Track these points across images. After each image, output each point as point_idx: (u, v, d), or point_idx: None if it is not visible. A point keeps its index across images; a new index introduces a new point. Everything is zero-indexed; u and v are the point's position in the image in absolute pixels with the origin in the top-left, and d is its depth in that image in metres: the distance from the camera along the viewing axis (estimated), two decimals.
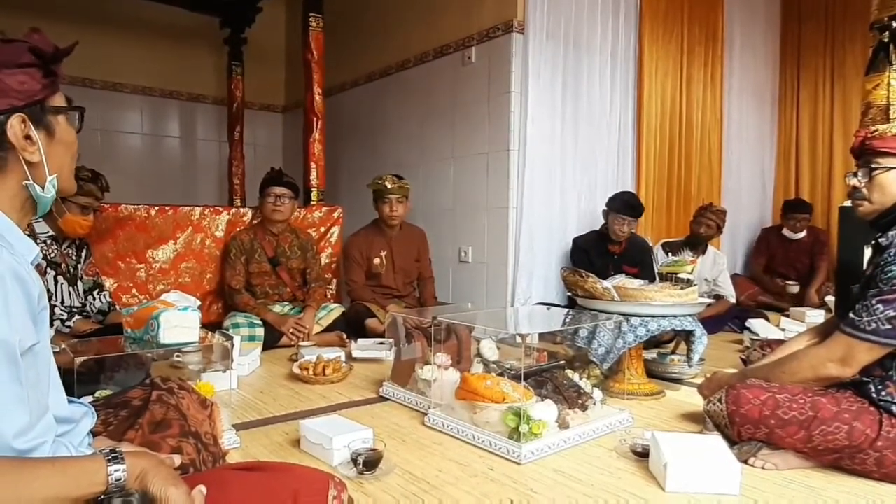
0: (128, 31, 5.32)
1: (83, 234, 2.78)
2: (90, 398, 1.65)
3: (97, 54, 4.97)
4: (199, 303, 1.83)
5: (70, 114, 0.95)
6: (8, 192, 0.88)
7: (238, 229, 3.59)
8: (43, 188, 0.91)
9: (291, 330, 3.26)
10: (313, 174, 4.09)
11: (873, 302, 1.59)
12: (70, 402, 1.00)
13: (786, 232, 4.77)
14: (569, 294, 2.75)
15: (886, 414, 1.58)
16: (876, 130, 1.73)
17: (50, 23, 4.96)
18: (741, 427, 1.69)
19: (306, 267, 3.58)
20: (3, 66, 0.84)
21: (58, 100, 0.93)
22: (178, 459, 1.01)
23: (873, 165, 1.71)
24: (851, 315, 1.64)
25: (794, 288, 4.58)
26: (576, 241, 3.80)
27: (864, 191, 1.73)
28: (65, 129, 0.94)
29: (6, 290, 0.78)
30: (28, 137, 0.87)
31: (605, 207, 3.66)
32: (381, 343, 3.09)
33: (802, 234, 4.71)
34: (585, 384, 2.14)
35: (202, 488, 0.82)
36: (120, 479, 0.79)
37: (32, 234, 2.64)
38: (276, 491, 0.90)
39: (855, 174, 1.76)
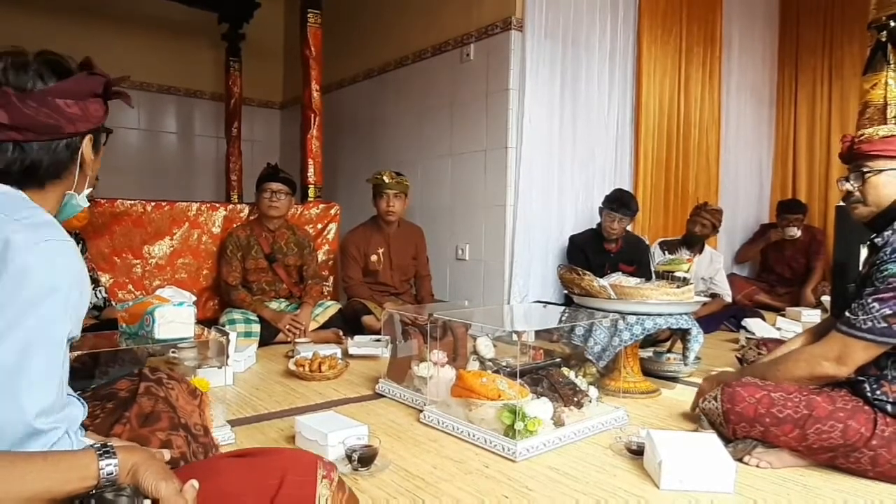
0: (125, 26, 5.30)
1: (79, 226, 2.76)
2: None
3: (94, 48, 4.91)
4: (194, 298, 1.82)
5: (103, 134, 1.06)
6: (53, 200, 0.97)
7: (235, 226, 3.58)
8: (78, 198, 1.02)
9: (288, 327, 3.25)
10: (311, 171, 4.08)
11: (869, 301, 1.59)
12: None
13: (781, 231, 4.78)
14: (565, 292, 2.75)
15: (881, 413, 1.58)
16: (863, 134, 1.74)
17: (48, 17, 4.95)
18: (736, 425, 1.69)
19: (303, 263, 3.57)
20: (90, 96, 0.97)
21: None
22: (167, 454, 1.00)
23: (864, 169, 1.72)
24: (847, 314, 1.64)
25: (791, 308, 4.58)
26: (572, 238, 3.80)
27: (859, 194, 1.73)
28: (101, 148, 1.06)
29: (77, 278, 0.85)
30: (88, 155, 1.00)
31: (600, 205, 3.67)
32: (378, 340, 3.09)
33: (798, 234, 4.71)
34: (581, 382, 2.14)
35: (194, 483, 0.81)
36: (111, 474, 0.78)
37: None
38: (264, 471, 0.90)
39: (847, 179, 1.77)
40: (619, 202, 3.57)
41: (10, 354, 0.77)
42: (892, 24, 2.63)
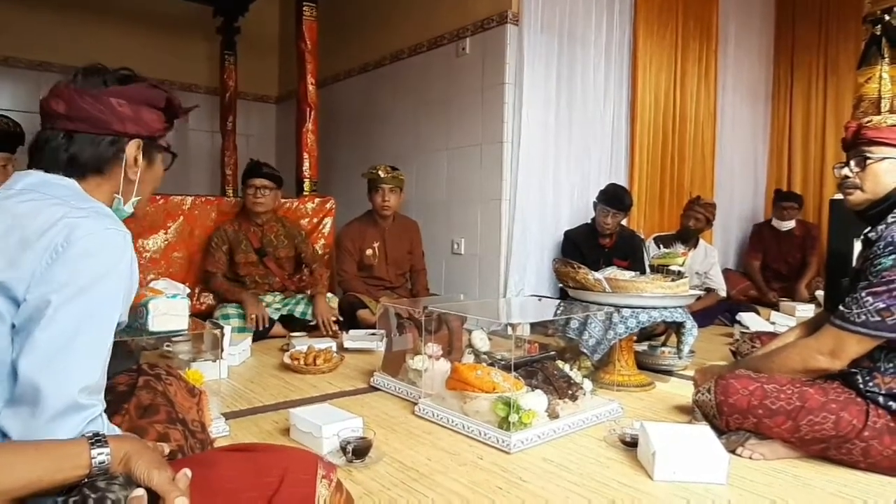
0: (119, 19, 5.27)
1: None
2: None
3: (88, 42, 4.92)
4: (188, 290, 1.82)
5: (165, 155, 1.14)
6: (104, 195, 1.04)
7: (232, 218, 3.57)
8: (125, 204, 1.07)
9: (327, 325, 3.28)
10: (306, 165, 4.07)
11: (863, 294, 1.59)
12: None
13: (775, 223, 4.80)
14: (560, 286, 2.75)
15: (873, 405, 1.59)
16: (870, 121, 1.73)
17: (44, 10, 4.91)
18: (729, 417, 1.70)
19: (297, 253, 3.57)
20: (145, 103, 1.05)
21: (163, 141, 1.13)
22: (167, 448, 1.00)
23: (867, 155, 1.70)
24: (841, 308, 1.64)
25: (785, 301, 4.56)
26: (567, 234, 3.81)
27: (857, 180, 1.73)
28: (159, 165, 1.14)
29: (131, 271, 0.93)
30: (136, 160, 1.05)
31: (595, 200, 3.68)
32: (373, 334, 3.09)
33: (792, 225, 4.74)
34: (576, 375, 2.14)
35: (187, 472, 0.81)
36: (104, 463, 0.78)
37: None
38: (264, 469, 0.90)
39: (845, 164, 1.76)
40: (613, 197, 3.57)
41: (63, 329, 0.82)
42: (887, 17, 2.63)
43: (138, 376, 1.29)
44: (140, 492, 0.76)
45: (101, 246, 0.88)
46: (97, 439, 0.79)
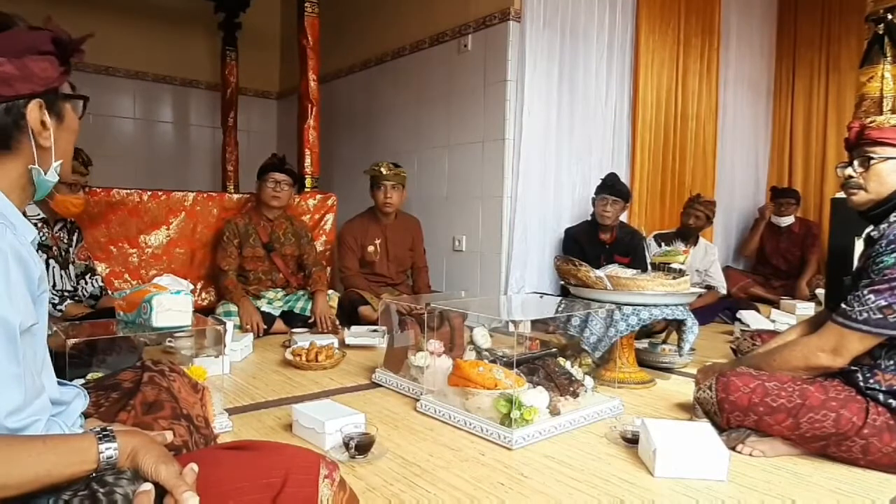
0: (121, 14, 5.26)
1: (76, 212, 2.76)
2: (81, 381, 1.65)
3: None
4: (191, 286, 1.83)
5: (74, 101, 0.96)
6: (13, 174, 0.89)
7: (234, 214, 3.58)
8: (46, 173, 0.92)
9: (324, 322, 3.32)
10: (307, 161, 4.07)
11: (865, 292, 1.60)
12: (60, 384, 1.00)
13: (774, 220, 4.82)
14: (562, 283, 2.76)
15: (873, 402, 1.60)
16: (873, 121, 1.73)
17: (41, 5, 4.90)
18: (730, 414, 1.70)
19: (301, 253, 3.58)
20: (29, 52, 0.86)
21: (66, 87, 0.95)
22: (169, 435, 1.00)
23: (871, 155, 1.70)
24: (843, 305, 1.65)
25: (786, 299, 4.54)
26: (568, 231, 3.81)
27: (861, 180, 1.73)
28: (71, 117, 0.95)
29: (8, 269, 0.79)
30: (42, 123, 0.89)
31: (593, 195, 3.69)
32: (374, 331, 3.10)
33: (791, 221, 4.76)
34: (577, 372, 2.15)
35: (194, 466, 0.82)
36: (111, 458, 0.79)
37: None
38: (267, 469, 0.90)
39: (848, 164, 1.76)
40: (610, 185, 3.59)
41: None
42: (889, 16, 2.63)
43: (143, 372, 1.29)
44: (148, 486, 0.77)
45: None
46: (105, 434, 0.80)
